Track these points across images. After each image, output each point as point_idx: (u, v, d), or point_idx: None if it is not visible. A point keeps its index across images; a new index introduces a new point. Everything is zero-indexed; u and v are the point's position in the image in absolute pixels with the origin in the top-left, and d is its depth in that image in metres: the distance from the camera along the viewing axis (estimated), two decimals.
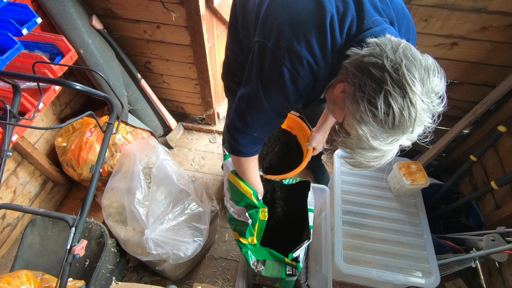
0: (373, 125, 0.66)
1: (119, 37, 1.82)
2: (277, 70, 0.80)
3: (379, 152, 0.70)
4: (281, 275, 1.11)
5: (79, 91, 1.00)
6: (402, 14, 0.84)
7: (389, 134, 0.66)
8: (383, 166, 1.85)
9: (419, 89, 0.62)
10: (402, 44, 0.66)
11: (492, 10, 1.35)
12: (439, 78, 0.66)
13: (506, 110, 1.58)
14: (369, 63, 0.66)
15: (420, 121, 0.64)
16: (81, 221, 1.09)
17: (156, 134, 2.13)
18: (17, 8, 1.24)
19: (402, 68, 0.62)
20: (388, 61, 0.64)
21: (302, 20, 0.76)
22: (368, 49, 0.68)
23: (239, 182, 1.12)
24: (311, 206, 1.26)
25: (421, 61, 0.65)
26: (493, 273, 1.58)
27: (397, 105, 0.62)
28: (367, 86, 0.65)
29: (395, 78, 0.62)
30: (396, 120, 0.63)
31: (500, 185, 1.44)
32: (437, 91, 0.66)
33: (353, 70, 0.68)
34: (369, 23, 0.74)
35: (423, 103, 0.63)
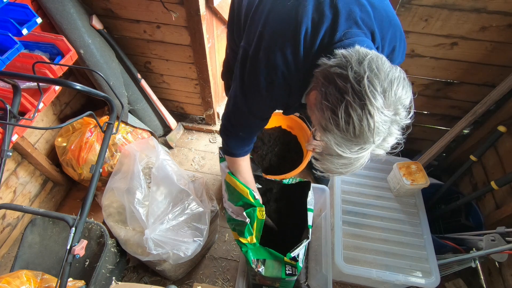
0: (337, 133, 0.67)
1: (119, 37, 1.82)
2: (254, 78, 0.86)
3: (346, 159, 0.71)
4: (281, 275, 1.11)
5: (79, 91, 1.00)
6: (387, 23, 0.84)
7: (352, 142, 0.67)
8: (383, 166, 1.85)
9: (380, 101, 0.63)
10: (369, 56, 0.67)
11: (492, 10, 1.35)
12: (405, 90, 0.66)
13: (506, 110, 1.58)
14: (335, 73, 0.67)
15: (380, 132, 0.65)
16: (81, 221, 1.09)
17: (156, 134, 2.13)
18: (17, 8, 1.24)
19: (364, 80, 0.63)
20: (352, 72, 0.65)
21: (280, 31, 0.80)
22: (335, 60, 0.70)
23: (235, 182, 1.14)
24: (310, 206, 1.26)
25: (387, 74, 0.65)
26: (493, 273, 1.58)
27: (356, 115, 0.64)
28: (331, 95, 0.67)
29: (356, 89, 0.63)
30: (357, 129, 0.64)
31: (500, 185, 1.44)
32: (403, 103, 0.67)
33: (321, 79, 0.70)
34: (340, 35, 0.77)
35: (383, 115, 0.64)
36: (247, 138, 1.07)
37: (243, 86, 0.91)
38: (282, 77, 0.83)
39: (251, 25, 0.88)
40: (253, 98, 0.91)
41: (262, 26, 0.83)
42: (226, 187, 1.19)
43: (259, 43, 0.83)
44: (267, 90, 0.87)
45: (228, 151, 1.11)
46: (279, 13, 0.81)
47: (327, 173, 0.78)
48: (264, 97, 0.89)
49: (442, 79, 1.68)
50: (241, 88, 0.92)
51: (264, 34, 0.82)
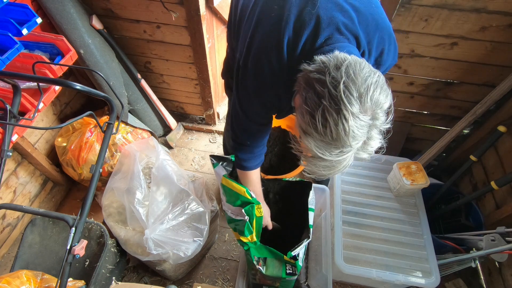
0: (316, 137, 0.69)
1: (119, 37, 1.82)
2: (245, 85, 0.91)
3: (328, 162, 0.72)
4: (281, 275, 1.11)
5: (79, 91, 1.00)
6: (373, 26, 0.84)
7: (331, 146, 0.69)
8: (383, 166, 1.85)
9: (356, 106, 0.64)
10: (347, 61, 0.68)
11: (492, 10, 1.35)
12: (383, 95, 0.67)
13: (506, 110, 1.58)
14: (314, 78, 0.69)
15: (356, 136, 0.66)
16: (81, 221, 1.09)
17: (156, 134, 2.13)
18: (17, 8, 1.24)
19: (340, 85, 0.64)
20: (330, 78, 0.66)
21: (266, 40, 0.84)
22: (315, 66, 0.71)
23: (231, 183, 1.15)
24: (311, 206, 1.26)
25: (364, 79, 0.66)
26: (493, 273, 1.58)
27: (332, 120, 0.65)
28: (311, 100, 0.68)
29: (333, 94, 0.65)
30: (333, 133, 0.66)
31: (500, 185, 1.44)
32: (382, 108, 0.68)
33: (302, 84, 0.73)
34: (321, 42, 0.79)
35: (358, 120, 0.65)
36: (256, 147, 1.09)
37: (238, 93, 0.96)
38: (270, 83, 0.88)
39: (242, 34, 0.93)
40: (247, 104, 0.96)
41: (250, 37, 0.87)
42: (223, 189, 1.20)
43: (248, 53, 0.87)
44: (256, 95, 0.91)
45: (239, 164, 1.13)
46: (265, 24, 0.85)
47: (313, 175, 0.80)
48: (255, 102, 0.93)
49: (442, 79, 1.68)
50: (237, 95, 0.97)
51: (252, 44, 0.86)
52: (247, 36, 0.89)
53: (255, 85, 0.90)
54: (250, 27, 0.88)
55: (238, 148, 1.09)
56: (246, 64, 0.89)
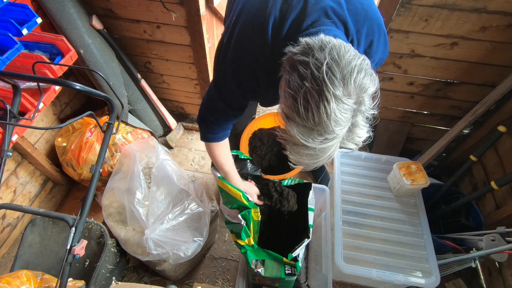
0: (298, 122, 0.66)
1: (119, 37, 1.82)
2: (224, 65, 0.90)
3: (311, 150, 0.69)
4: (281, 275, 1.11)
5: (79, 91, 1.00)
6: (363, 16, 0.83)
7: (313, 131, 0.66)
8: (383, 166, 1.85)
9: (340, 89, 0.62)
10: (331, 44, 0.66)
11: (492, 10, 1.35)
12: (368, 79, 0.65)
13: (506, 110, 1.58)
14: (297, 60, 0.67)
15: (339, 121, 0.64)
16: (81, 221, 1.09)
17: (156, 134, 2.13)
18: (17, 8, 1.24)
19: (323, 66, 0.62)
20: (313, 59, 0.64)
21: (250, 22, 0.83)
22: (299, 48, 0.69)
23: (227, 185, 1.14)
24: (311, 206, 1.26)
25: (348, 61, 0.64)
26: (493, 273, 1.58)
27: (314, 102, 0.63)
28: (294, 82, 0.66)
29: (316, 75, 0.62)
30: (315, 117, 0.63)
31: (500, 185, 1.44)
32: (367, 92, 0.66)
33: (287, 68, 0.70)
34: (307, 24, 0.77)
35: (341, 102, 0.62)
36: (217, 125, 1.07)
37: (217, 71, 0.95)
38: (249, 66, 0.86)
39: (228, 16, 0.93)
40: (223, 82, 0.95)
41: (236, 16, 0.86)
42: (220, 191, 1.19)
43: (232, 32, 0.86)
44: (233, 77, 0.89)
45: (202, 136, 1.11)
46: (251, 4, 0.84)
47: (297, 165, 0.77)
48: (232, 81, 0.91)
49: (442, 79, 1.68)
50: (215, 73, 0.96)
51: (237, 23, 0.85)
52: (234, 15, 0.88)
53: (235, 65, 0.88)
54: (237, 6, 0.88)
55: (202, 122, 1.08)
56: (229, 42, 0.87)
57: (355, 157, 1.77)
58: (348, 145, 0.70)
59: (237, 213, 1.12)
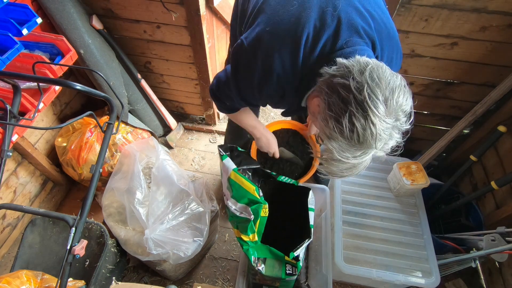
0: (341, 141, 0.70)
1: (119, 37, 1.82)
2: (249, 73, 0.89)
3: (350, 164, 0.74)
4: (281, 275, 1.11)
5: (79, 91, 1.00)
6: (386, 35, 0.86)
7: (356, 148, 0.70)
8: (383, 166, 1.84)
9: (382, 110, 0.66)
10: (370, 66, 0.68)
11: (492, 10, 1.35)
12: (405, 98, 0.69)
13: (506, 110, 1.58)
14: (337, 83, 0.70)
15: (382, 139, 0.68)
16: (81, 221, 1.09)
17: (156, 134, 2.13)
18: (17, 8, 1.24)
19: (365, 89, 0.65)
20: (354, 82, 0.67)
21: (280, 33, 0.82)
22: (337, 70, 0.72)
23: (241, 178, 1.13)
24: (311, 205, 1.26)
25: (388, 82, 0.67)
26: (493, 273, 1.58)
27: (360, 124, 0.66)
28: (335, 105, 0.69)
29: (358, 99, 0.66)
30: (361, 137, 0.67)
31: (500, 185, 1.44)
32: (404, 110, 0.69)
33: (325, 89, 0.73)
34: (342, 44, 0.79)
35: (384, 123, 0.67)
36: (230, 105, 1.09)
37: (237, 74, 0.93)
38: (276, 80, 0.86)
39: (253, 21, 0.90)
40: (245, 89, 0.94)
41: (264, 26, 0.84)
42: (230, 184, 1.18)
43: (258, 42, 0.84)
44: (258, 87, 0.89)
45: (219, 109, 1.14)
46: (281, 16, 0.83)
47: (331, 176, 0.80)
48: (255, 91, 0.92)
49: (442, 79, 1.67)
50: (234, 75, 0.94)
51: (264, 34, 0.83)
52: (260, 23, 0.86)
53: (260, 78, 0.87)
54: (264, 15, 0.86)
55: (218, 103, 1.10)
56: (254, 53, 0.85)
57: None
58: (378, 153, 0.74)
59: (247, 208, 1.12)
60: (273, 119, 2.50)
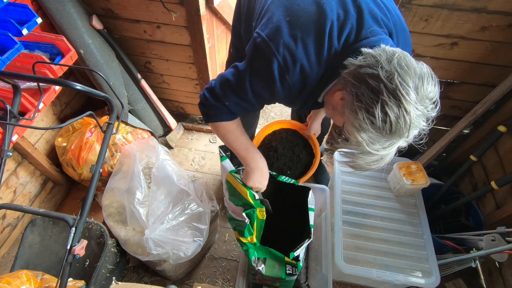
0: (372, 132, 0.69)
1: (119, 37, 1.82)
2: (267, 62, 0.81)
3: (378, 156, 0.73)
4: (281, 275, 1.11)
5: (79, 91, 1.00)
6: (400, 27, 0.86)
7: (387, 139, 0.69)
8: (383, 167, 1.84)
9: (413, 97, 0.65)
10: (397, 54, 0.68)
11: (492, 10, 1.35)
12: (433, 85, 0.69)
13: (506, 110, 1.58)
14: (365, 73, 0.68)
15: (415, 126, 0.68)
16: (81, 221, 1.09)
17: (156, 134, 2.13)
18: (17, 8, 1.24)
19: (396, 78, 0.65)
20: (384, 72, 0.66)
21: (302, 22, 0.78)
22: (364, 60, 0.70)
23: (236, 182, 1.13)
24: (311, 205, 1.26)
25: (416, 70, 0.67)
26: (493, 273, 1.58)
27: (393, 113, 0.65)
28: (364, 96, 0.68)
29: (390, 88, 0.65)
30: (393, 127, 0.67)
31: (500, 185, 1.44)
32: (431, 97, 0.69)
33: (351, 80, 0.71)
34: (366, 33, 0.77)
35: (417, 110, 0.66)
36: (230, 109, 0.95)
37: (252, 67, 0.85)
38: (299, 70, 0.80)
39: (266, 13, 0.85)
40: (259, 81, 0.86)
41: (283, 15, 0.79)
42: (227, 186, 1.18)
43: (277, 30, 0.79)
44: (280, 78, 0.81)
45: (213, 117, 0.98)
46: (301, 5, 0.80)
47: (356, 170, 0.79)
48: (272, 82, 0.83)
49: (442, 79, 1.67)
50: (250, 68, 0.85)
51: (284, 24, 0.79)
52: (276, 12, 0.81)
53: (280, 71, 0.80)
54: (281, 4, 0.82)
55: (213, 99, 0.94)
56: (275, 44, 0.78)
57: None
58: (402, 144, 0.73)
59: (242, 211, 1.11)
60: (273, 119, 2.50)
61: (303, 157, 1.53)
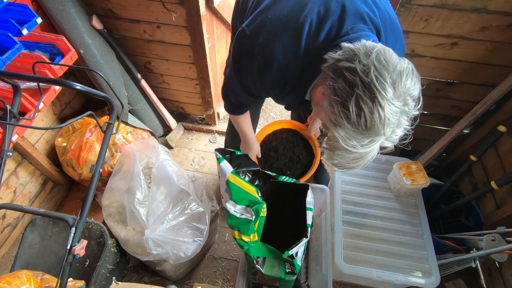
0: (348, 127, 0.67)
1: (119, 37, 1.82)
2: (249, 60, 0.87)
3: (357, 154, 0.71)
4: (281, 275, 1.11)
5: (79, 91, 1.00)
6: (390, 25, 0.85)
7: (363, 135, 0.67)
8: (383, 166, 1.85)
9: (390, 93, 0.63)
10: (376, 49, 0.67)
11: (492, 10, 1.35)
12: (413, 82, 0.66)
13: (506, 110, 1.58)
14: (343, 67, 0.67)
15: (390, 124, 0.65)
16: (81, 221, 1.09)
17: (156, 134, 2.13)
18: (17, 8, 1.24)
19: (372, 72, 0.63)
20: (360, 65, 0.65)
21: (283, 21, 0.80)
22: (343, 54, 0.70)
23: (240, 181, 1.13)
24: (310, 205, 1.26)
25: (395, 65, 0.65)
26: (493, 273, 1.58)
27: (367, 108, 0.64)
28: (341, 89, 0.66)
29: (365, 82, 0.63)
30: (368, 122, 0.64)
31: (500, 185, 1.44)
32: (412, 94, 0.67)
33: (330, 74, 0.70)
34: (347, 30, 0.77)
35: (393, 106, 0.64)
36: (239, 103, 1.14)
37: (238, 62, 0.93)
38: (277, 68, 0.84)
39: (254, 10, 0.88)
40: (246, 77, 0.94)
41: (265, 12, 0.83)
42: (229, 186, 1.18)
43: (260, 29, 0.83)
44: (259, 75, 0.88)
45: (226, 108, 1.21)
46: (284, 3, 0.81)
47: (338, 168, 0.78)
48: (255, 80, 0.91)
49: (442, 79, 1.68)
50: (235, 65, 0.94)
51: (266, 21, 0.82)
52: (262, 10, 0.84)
53: (263, 66, 0.85)
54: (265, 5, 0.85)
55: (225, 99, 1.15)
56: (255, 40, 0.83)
57: None
58: (385, 144, 0.71)
59: (246, 209, 1.12)
60: (273, 119, 2.50)
61: (303, 157, 1.53)
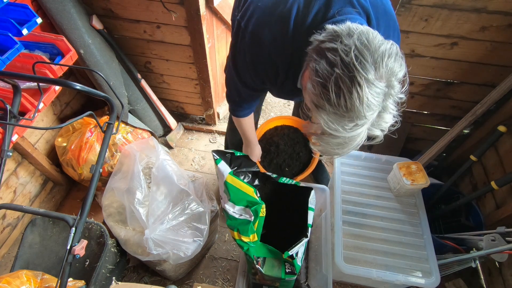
0: (329, 110, 0.65)
1: (119, 37, 1.82)
2: (242, 51, 0.91)
3: (341, 138, 0.69)
4: (281, 275, 1.11)
5: (79, 91, 1.00)
6: (382, 11, 0.84)
7: (345, 118, 0.65)
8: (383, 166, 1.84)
9: (372, 73, 0.61)
10: (359, 30, 0.65)
11: (492, 10, 1.35)
12: (398, 63, 0.64)
13: (506, 110, 1.58)
14: (325, 48, 0.66)
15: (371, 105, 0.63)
16: (81, 221, 1.09)
17: (156, 134, 2.13)
18: (17, 8, 1.24)
19: (353, 51, 0.62)
20: (342, 45, 0.64)
21: (271, 8, 0.83)
22: (326, 35, 0.69)
23: (238, 181, 1.14)
24: (311, 205, 1.26)
25: (378, 45, 0.63)
26: (493, 273, 1.58)
27: (346, 87, 0.62)
28: (322, 70, 0.65)
29: (345, 61, 0.62)
30: (348, 103, 0.63)
31: (500, 185, 1.44)
32: (397, 76, 0.65)
33: (314, 56, 0.69)
34: (334, 13, 0.78)
35: (373, 86, 0.62)
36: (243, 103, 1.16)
37: (235, 56, 0.97)
38: (267, 55, 0.86)
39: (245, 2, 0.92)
40: (242, 68, 0.97)
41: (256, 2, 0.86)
42: (228, 188, 1.19)
43: (250, 19, 0.86)
44: (252, 64, 0.91)
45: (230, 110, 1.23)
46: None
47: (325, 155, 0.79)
48: (250, 70, 0.94)
49: (442, 79, 1.68)
50: (233, 57, 0.98)
51: (256, 9, 0.85)
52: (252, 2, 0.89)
53: (254, 54, 0.89)
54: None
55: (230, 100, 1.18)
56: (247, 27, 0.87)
57: (355, 157, 1.77)
58: (374, 131, 0.70)
59: (245, 210, 1.12)
60: None
61: (302, 155, 1.53)
